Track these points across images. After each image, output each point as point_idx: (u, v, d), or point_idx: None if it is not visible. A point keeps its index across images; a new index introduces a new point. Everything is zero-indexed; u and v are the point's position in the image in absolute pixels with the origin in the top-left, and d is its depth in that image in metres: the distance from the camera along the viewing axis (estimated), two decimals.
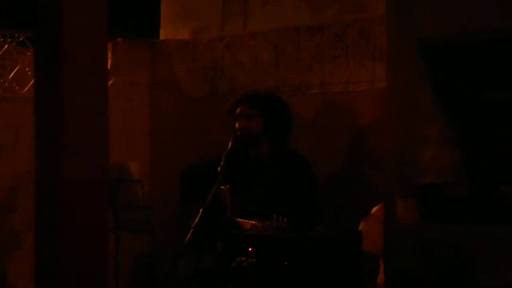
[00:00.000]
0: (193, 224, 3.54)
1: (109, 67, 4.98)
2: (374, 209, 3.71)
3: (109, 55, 5.01)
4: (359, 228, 3.70)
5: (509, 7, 2.79)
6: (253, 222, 3.61)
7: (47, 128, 2.73)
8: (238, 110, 4.15)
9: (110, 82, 4.97)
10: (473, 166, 3.11)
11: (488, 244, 2.92)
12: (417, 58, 3.06)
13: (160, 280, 4.12)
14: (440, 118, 3.12)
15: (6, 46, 4.79)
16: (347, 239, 3.53)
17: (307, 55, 4.60)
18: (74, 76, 2.67)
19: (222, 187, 3.88)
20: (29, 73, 4.72)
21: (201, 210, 3.58)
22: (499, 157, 3.09)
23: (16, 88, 4.79)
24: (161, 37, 5.29)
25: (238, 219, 3.78)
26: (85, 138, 2.84)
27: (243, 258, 3.45)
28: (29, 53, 4.71)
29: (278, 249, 3.38)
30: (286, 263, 3.32)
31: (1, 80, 4.81)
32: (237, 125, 4.13)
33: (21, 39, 4.81)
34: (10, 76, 4.81)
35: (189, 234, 3.51)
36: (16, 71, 4.80)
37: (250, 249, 3.43)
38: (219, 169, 3.78)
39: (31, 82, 4.61)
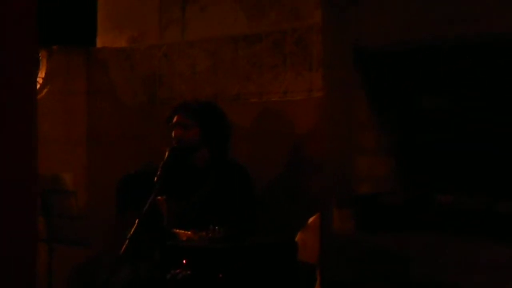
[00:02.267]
0: (129, 235, 3.49)
1: (44, 75, 4.90)
2: (311, 219, 3.70)
3: (44, 62, 4.93)
4: (297, 238, 3.69)
5: (442, 16, 2.81)
6: (189, 233, 3.58)
7: None
8: (174, 119, 4.11)
9: (45, 90, 4.89)
10: (408, 175, 3.13)
11: (423, 251, 2.94)
12: (353, 66, 3.07)
13: None
14: (375, 127, 3.13)
15: None
16: (282, 248, 3.51)
17: (245, 64, 4.58)
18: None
19: (159, 197, 3.83)
20: None
21: (137, 221, 3.53)
22: (433, 165, 3.11)
23: None
24: (98, 45, 5.22)
25: (175, 230, 3.74)
26: (12, 147, 2.78)
27: (177, 270, 3.41)
28: None
29: (212, 261, 3.35)
30: (220, 275, 3.29)
31: None
32: (173, 134, 4.08)
33: None
34: None
35: (125, 245, 3.47)
36: None
37: (184, 261, 3.39)
38: (155, 178, 3.74)
39: None
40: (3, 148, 2.74)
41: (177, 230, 3.72)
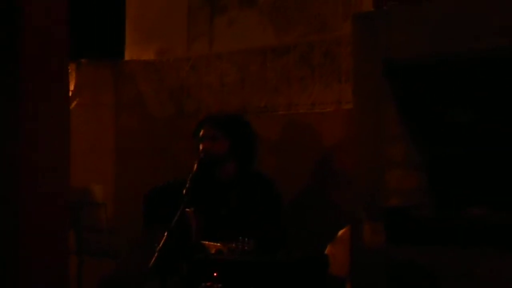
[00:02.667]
0: (158, 248, 3.49)
1: (72, 88, 4.92)
2: (340, 232, 3.68)
3: (73, 76, 4.95)
4: (326, 251, 3.67)
5: (473, 29, 2.79)
6: (218, 244, 3.57)
7: (5, 150, 2.67)
8: (202, 132, 4.11)
9: (74, 103, 4.90)
10: (439, 188, 3.10)
11: (454, 266, 2.90)
12: (382, 79, 3.05)
13: None
14: (405, 140, 3.10)
15: None
16: (314, 263, 3.49)
17: (273, 76, 4.57)
18: (34, 96, 2.62)
19: (187, 209, 3.83)
20: None
21: (166, 234, 3.53)
22: (465, 178, 3.08)
23: None
24: (126, 57, 5.24)
25: (204, 242, 3.73)
26: (45, 160, 2.79)
27: (208, 283, 3.40)
28: None
29: (244, 274, 3.33)
30: None
31: None
32: (201, 147, 4.08)
33: None
34: None
35: (154, 258, 3.46)
36: None
37: (215, 274, 3.38)
38: (184, 191, 3.73)
39: None
40: (39, 160, 2.76)
41: (206, 242, 3.71)
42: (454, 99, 3.05)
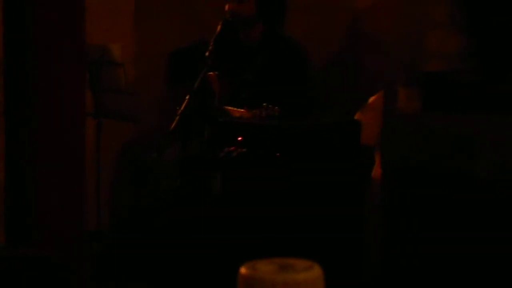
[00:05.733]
0: (179, 111, 3.36)
1: None
2: (371, 99, 3.50)
3: None
4: (355, 118, 3.50)
5: None
6: (242, 110, 3.42)
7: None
8: None
9: None
10: (483, 53, 2.88)
11: (490, 134, 2.74)
12: None
13: (145, 169, 3.94)
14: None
15: None
16: (344, 128, 3.31)
17: None
18: None
19: (211, 73, 3.67)
20: None
21: (187, 97, 3.39)
22: (509, 43, 2.86)
23: None
24: None
25: (227, 107, 3.59)
26: (60, 16, 2.65)
27: (232, 148, 3.27)
28: None
29: (270, 139, 3.19)
30: (278, 154, 3.13)
31: None
32: (226, 7, 3.87)
33: None
34: None
35: (175, 122, 3.35)
36: None
37: (239, 138, 3.24)
38: (207, 53, 3.56)
39: None
40: (52, 16, 2.61)
41: (230, 108, 3.56)
42: None
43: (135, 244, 3.82)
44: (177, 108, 3.42)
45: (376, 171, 3.38)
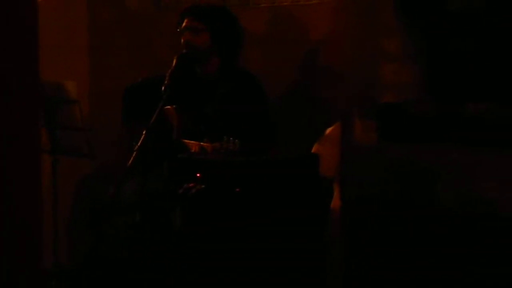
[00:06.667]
0: (136, 146, 3.33)
1: None
2: (328, 130, 3.52)
3: None
4: (313, 150, 3.51)
5: None
6: (202, 143, 3.40)
7: None
8: (184, 23, 3.88)
9: None
10: (437, 82, 2.92)
11: (452, 164, 2.76)
12: None
13: (103, 205, 3.90)
14: (401, 31, 2.91)
15: None
16: (302, 162, 3.32)
17: None
18: None
19: (168, 107, 3.65)
20: None
21: (144, 131, 3.36)
22: (464, 73, 2.90)
23: None
24: None
25: (186, 140, 3.57)
26: (13, 54, 2.60)
27: (191, 184, 3.25)
28: None
29: (229, 175, 3.17)
30: (237, 189, 3.12)
31: None
32: (182, 40, 3.86)
33: None
34: None
35: (132, 157, 3.31)
36: None
37: (198, 175, 3.22)
38: (163, 88, 3.53)
39: None
40: (5, 54, 2.57)
41: (189, 141, 3.54)
42: None
43: (95, 282, 3.77)
44: (134, 143, 3.38)
45: (335, 202, 3.39)
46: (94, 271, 3.84)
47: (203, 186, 3.22)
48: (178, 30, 3.89)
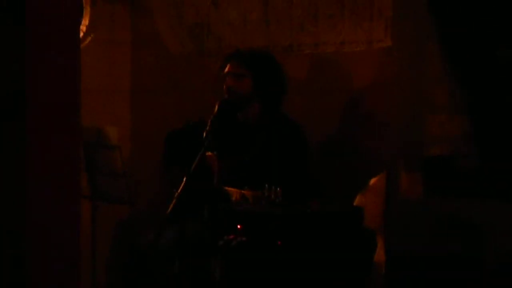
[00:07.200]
0: (177, 193, 3.29)
1: (87, 23, 4.69)
2: (372, 181, 3.45)
3: (88, 10, 4.71)
4: (356, 201, 3.43)
5: None
6: (243, 191, 3.35)
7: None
8: (226, 68, 3.86)
9: (88, 39, 4.68)
10: (485, 136, 2.84)
11: (498, 220, 2.68)
12: (426, 15, 2.78)
13: (141, 253, 3.86)
14: (449, 82, 2.84)
15: None
16: (348, 216, 3.24)
17: (300, 13, 4.32)
18: (40, 31, 2.41)
19: (208, 153, 3.61)
20: None
21: (185, 178, 3.32)
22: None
23: None
24: None
25: (226, 187, 3.52)
26: (54, 99, 2.61)
27: (231, 236, 3.19)
28: None
29: (271, 227, 3.11)
30: (279, 242, 3.05)
31: None
32: (224, 85, 3.84)
33: None
34: None
35: (172, 204, 3.27)
36: None
37: (239, 226, 3.15)
38: (204, 133, 3.50)
39: None
40: (46, 98, 2.57)
41: (230, 188, 3.49)
42: (505, 36, 2.77)
43: None
44: (174, 190, 3.35)
45: (379, 254, 3.30)
46: None
47: (244, 238, 3.16)
48: (220, 75, 3.87)
